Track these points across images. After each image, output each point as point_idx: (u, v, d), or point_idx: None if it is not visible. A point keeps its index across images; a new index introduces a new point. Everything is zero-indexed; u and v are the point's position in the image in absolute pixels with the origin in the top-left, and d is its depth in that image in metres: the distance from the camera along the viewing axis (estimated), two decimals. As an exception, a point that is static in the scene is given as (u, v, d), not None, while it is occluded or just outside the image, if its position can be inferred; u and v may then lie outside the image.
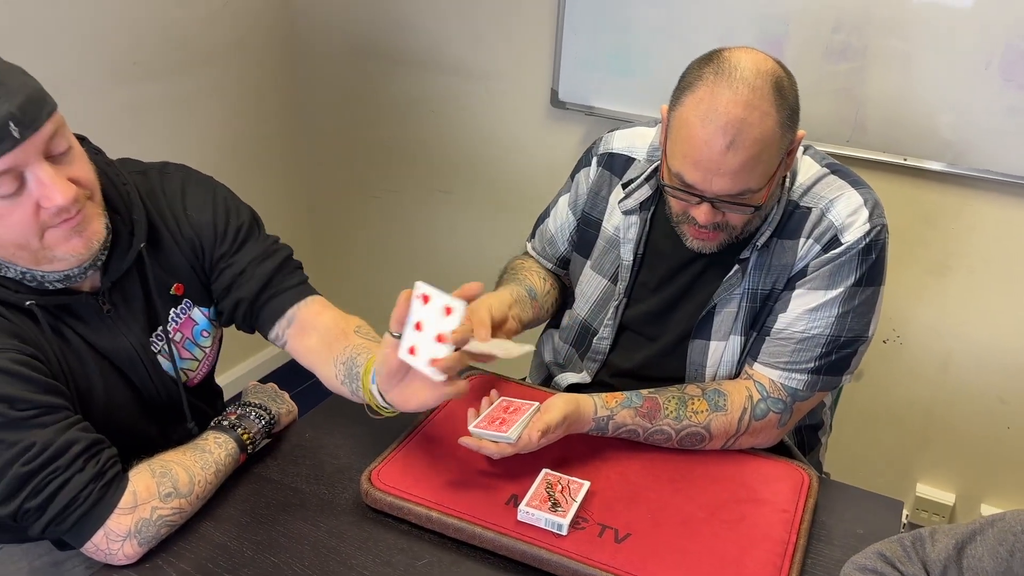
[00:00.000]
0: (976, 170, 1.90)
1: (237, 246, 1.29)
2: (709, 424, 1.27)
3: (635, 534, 1.14)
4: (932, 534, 0.99)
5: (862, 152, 1.98)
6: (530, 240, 1.62)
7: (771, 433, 1.32)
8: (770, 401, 1.29)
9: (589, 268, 1.48)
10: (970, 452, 2.19)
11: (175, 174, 1.29)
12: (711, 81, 1.15)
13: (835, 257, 1.25)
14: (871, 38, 1.89)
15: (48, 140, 1.01)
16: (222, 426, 1.26)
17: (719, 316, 1.34)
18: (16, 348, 1.05)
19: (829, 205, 1.27)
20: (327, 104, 2.73)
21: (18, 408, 1.02)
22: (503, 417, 1.22)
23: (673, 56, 2.10)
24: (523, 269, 1.55)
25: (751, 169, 1.16)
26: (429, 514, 1.15)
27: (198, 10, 2.32)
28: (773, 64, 1.18)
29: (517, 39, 2.33)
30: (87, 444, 1.06)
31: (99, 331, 1.17)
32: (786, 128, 1.18)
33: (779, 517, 1.18)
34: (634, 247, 1.40)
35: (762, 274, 1.31)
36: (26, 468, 1.01)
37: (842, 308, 1.27)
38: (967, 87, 1.84)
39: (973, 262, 2.01)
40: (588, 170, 1.49)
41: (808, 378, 1.29)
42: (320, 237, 2.93)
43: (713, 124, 1.14)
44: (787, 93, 1.18)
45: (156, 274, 1.23)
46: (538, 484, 1.19)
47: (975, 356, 2.09)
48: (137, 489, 1.09)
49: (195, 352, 1.32)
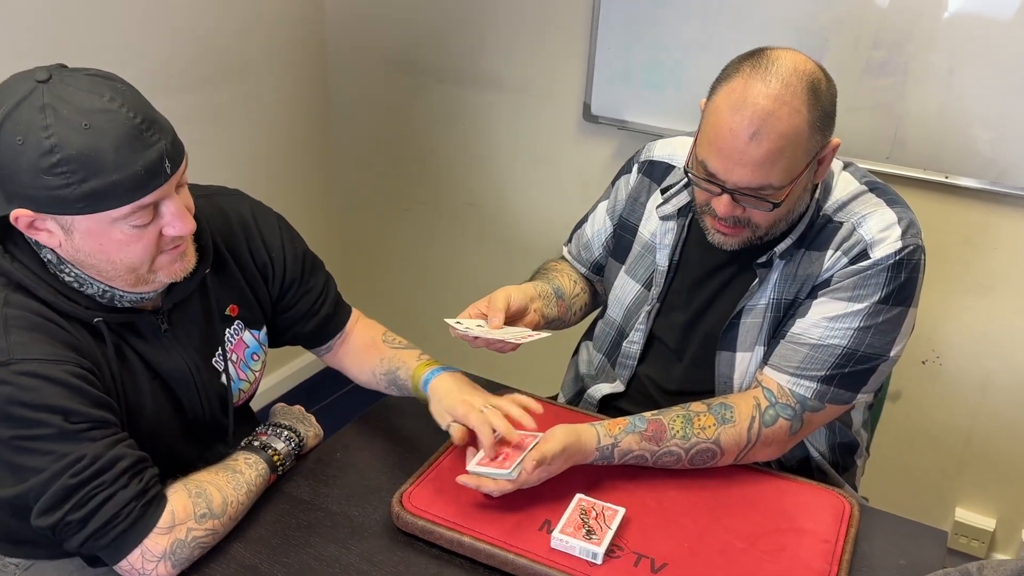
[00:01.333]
0: (1019, 188, 1.85)
1: (308, 272, 1.37)
2: (718, 438, 1.24)
3: (672, 564, 1.11)
4: (981, 569, 0.96)
5: (902, 169, 1.94)
6: (567, 244, 1.63)
7: (783, 443, 1.28)
8: (779, 407, 1.26)
9: (624, 273, 1.48)
10: (1011, 476, 2.14)
11: (243, 199, 1.33)
12: (747, 73, 1.16)
13: (862, 270, 1.23)
14: (911, 53, 1.85)
15: (182, 174, 1.07)
16: (252, 446, 1.26)
17: (744, 326, 1.33)
18: (75, 361, 1.05)
19: (861, 220, 1.26)
20: (359, 117, 2.73)
21: (72, 421, 1.02)
22: (506, 452, 1.19)
23: (706, 70, 2.05)
24: (554, 270, 1.56)
25: (773, 163, 1.15)
26: (461, 539, 1.13)
27: (233, 22, 2.33)
28: (813, 66, 1.18)
29: (550, 53, 2.32)
30: (133, 461, 1.06)
31: (156, 349, 1.18)
32: (816, 130, 1.16)
33: (820, 548, 1.15)
34: (670, 253, 1.39)
35: (787, 284, 1.29)
36: (74, 480, 1.01)
37: (864, 323, 1.24)
38: (1009, 103, 1.80)
39: (1015, 282, 1.97)
40: (628, 177, 1.50)
41: (818, 387, 1.26)
42: (351, 249, 2.93)
43: (740, 113, 1.14)
44: (822, 96, 1.16)
45: (217, 296, 1.26)
46: (572, 510, 1.16)
47: (1016, 378, 2.04)
48: (175, 509, 1.09)
49: (247, 375, 1.33)
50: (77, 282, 1.09)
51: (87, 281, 1.09)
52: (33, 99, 0.97)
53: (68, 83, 0.98)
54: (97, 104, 0.98)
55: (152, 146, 1.01)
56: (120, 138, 0.98)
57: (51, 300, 1.07)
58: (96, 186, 0.98)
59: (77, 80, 0.99)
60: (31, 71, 1.00)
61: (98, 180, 0.98)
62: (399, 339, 1.44)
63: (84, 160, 0.97)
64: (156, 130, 1.02)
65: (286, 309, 1.36)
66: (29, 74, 1.00)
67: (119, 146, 0.98)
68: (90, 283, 1.09)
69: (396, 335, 1.45)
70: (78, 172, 0.97)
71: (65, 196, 0.98)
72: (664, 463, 1.25)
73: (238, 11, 2.33)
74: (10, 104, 0.97)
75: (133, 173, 0.99)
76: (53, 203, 0.99)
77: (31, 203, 1.00)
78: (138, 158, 0.99)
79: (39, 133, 0.96)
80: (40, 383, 1.01)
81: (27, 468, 1.01)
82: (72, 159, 0.96)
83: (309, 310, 1.37)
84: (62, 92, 0.98)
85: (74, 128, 0.96)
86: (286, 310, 1.36)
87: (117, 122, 0.98)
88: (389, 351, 1.40)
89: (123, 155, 0.98)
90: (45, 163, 0.96)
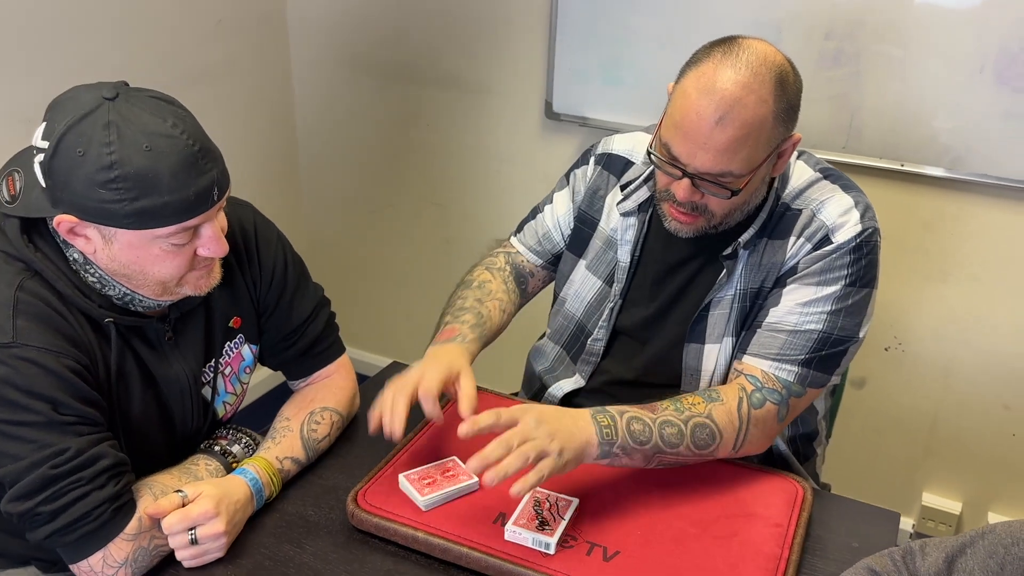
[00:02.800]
0: (974, 175, 1.88)
1: (288, 301, 1.34)
2: (711, 413, 1.22)
3: (624, 552, 1.12)
4: (923, 547, 0.97)
5: (859, 159, 1.97)
6: (516, 235, 1.58)
7: (773, 428, 1.28)
8: (765, 391, 1.26)
9: (584, 268, 1.47)
10: (976, 460, 2.16)
11: (250, 210, 1.34)
12: (718, 59, 1.16)
13: (827, 254, 1.25)
14: (864, 44, 1.87)
15: (225, 201, 1.12)
16: (212, 451, 1.26)
17: (712, 318, 1.33)
18: (74, 356, 1.07)
19: (820, 207, 1.28)
20: (322, 120, 2.73)
21: (61, 412, 1.03)
22: (435, 477, 1.21)
23: (665, 65, 2.07)
24: (485, 296, 1.46)
25: (735, 151, 1.15)
26: (415, 534, 1.13)
27: (191, 28, 2.32)
28: (782, 58, 1.19)
29: (511, 52, 2.33)
30: (114, 462, 1.07)
31: (158, 356, 1.20)
32: (780, 121, 1.18)
33: (771, 532, 1.16)
34: (632, 248, 1.40)
35: (752, 273, 1.31)
36: (53, 472, 1.02)
37: (835, 306, 1.26)
38: (963, 91, 1.82)
39: (974, 267, 1.99)
40: (586, 168, 1.49)
41: (799, 370, 1.27)
42: (317, 251, 2.93)
43: (708, 97, 1.14)
44: (789, 88, 1.18)
45: (221, 308, 1.27)
46: (526, 502, 1.17)
47: (978, 363, 2.07)
48: (143, 517, 1.09)
49: (236, 388, 1.34)
50: (100, 283, 1.11)
51: (110, 283, 1.11)
52: (99, 114, 1.01)
53: (133, 104, 1.03)
54: (160, 128, 1.02)
55: (205, 174, 1.05)
56: (177, 164, 1.02)
57: (67, 293, 1.09)
58: (147, 205, 1.02)
59: (142, 102, 1.04)
60: (97, 85, 1.04)
61: (149, 200, 1.02)
62: (317, 428, 1.32)
63: (140, 180, 1.01)
64: (210, 159, 1.06)
65: (262, 332, 1.35)
66: (95, 88, 1.04)
67: (175, 171, 1.02)
68: (113, 285, 1.12)
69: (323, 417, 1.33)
70: (132, 190, 1.01)
71: (115, 211, 1.02)
72: (668, 436, 1.18)
73: (198, 16, 2.33)
74: (75, 116, 1.01)
75: (184, 197, 1.03)
76: (101, 214, 1.02)
77: (78, 211, 1.03)
78: (191, 184, 1.04)
79: (101, 148, 1.00)
80: (36, 370, 1.02)
81: (8, 454, 1.02)
82: (129, 177, 1.00)
83: (278, 344, 1.36)
84: (127, 112, 1.02)
85: (136, 149, 1.00)
86: (262, 333, 1.36)
87: (176, 148, 1.02)
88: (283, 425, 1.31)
89: (178, 180, 1.02)
90: (102, 177, 1.00)
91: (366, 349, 2.96)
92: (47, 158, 1.02)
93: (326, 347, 1.40)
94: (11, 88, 1.89)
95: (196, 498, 1.11)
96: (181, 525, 1.09)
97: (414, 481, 1.20)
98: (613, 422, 1.17)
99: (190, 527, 1.09)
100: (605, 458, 1.17)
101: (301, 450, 1.28)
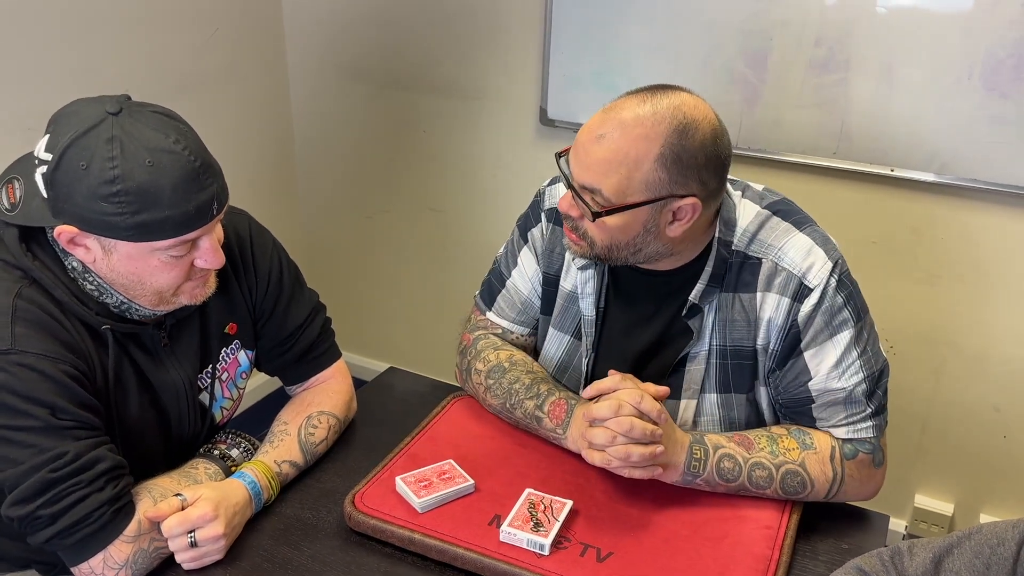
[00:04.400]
0: (963, 179, 1.90)
1: (284, 307, 1.36)
2: (804, 463, 1.23)
3: (617, 552, 1.14)
4: (911, 548, 0.99)
5: (849, 164, 1.99)
6: (489, 311, 1.48)
7: (872, 471, 1.27)
8: (855, 443, 1.26)
9: (552, 328, 1.43)
10: (967, 462, 2.18)
11: (245, 218, 1.36)
12: (636, 94, 1.17)
13: (818, 305, 1.22)
14: (853, 50, 1.90)
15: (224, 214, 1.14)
16: (212, 455, 1.28)
17: (688, 374, 1.31)
18: (71, 362, 1.09)
19: (780, 255, 1.24)
20: (319, 127, 2.75)
21: (59, 416, 1.05)
22: (431, 480, 1.23)
23: (658, 71, 2.11)
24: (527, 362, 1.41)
25: (606, 172, 1.15)
26: (411, 536, 1.15)
27: (188, 37, 2.34)
28: (702, 116, 1.15)
29: (505, 59, 2.35)
30: (112, 465, 1.08)
31: (155, 362, 1.22)
32: (662, 167, 1.14)
33: (762, 534, 1.18)
34: (595, 300, 1.35)
35: (725, 330, 1.27)
36: (53, 475, 1.03)
37: (859, 348, 1.24)
38: (951, 97, 1.85)
39: (963, 271, 2.01)
40: (541, 227, 1.42)
41: (872, 422, 1.26)
42: (315, 258, 2.94)
43: (600, 116, 1.16)
44: (687, 142, 1.13)
45: (216, 314, 1.29)
46: (520, 504, 1.19)
47: (968, 365, 2.09)
48: (142, 519, 1.10)
49: (233, 393, 1.36)
50: (98, 291, 1.13)
51: (108, 291, 1.13)
52: (102, 129, 1.03)
53: (136, 119, 1.05)
54: (162, 144, 1.04)
55: (206, 189, 1.08)
56: (179, 179, 1.05)
57: (64, 300, 1.11)
58: (147, 219, 1.04)
59: (145, 117, 1.06)
60: (100, 99, 1.07)
61: (150, 214, 1.04)
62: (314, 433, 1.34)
63: (142, 194, 1.03)
64: (211, 175, 1.09)
65: (257, 338, 1.38)
66: (98, 103, 1.06)
67: (176, 186, 1.05)
68: (111, 293, 1.14)
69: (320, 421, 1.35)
70: (134, 204, 1.03)
71: (116, 223, 1.04)
72: (756, 479, 1.22)
73: (196, 23, 2.35)
74: (79, 130, 1.03)
75: (184, 212, 1.06)
76: (102, 226, 1.05)
77: (79, 222, 1.05)
78: (192, 199, 1.06)
79: (104, 163, 1.02)
80: (34, 376, 1.04)
81: (7, 458, 1.04)
82: (131, 191, 1.03)
83: (273, 349, 1.38)
84: (130, 127, 1.04)
85: (138, 164, 1.03)
86: (257, 339, 1.38)
87: (178, 164, 1.05)
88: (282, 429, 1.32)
89: (179, 195, 1.05)
90: (105, 191, 1.02)
91: (363, 354, 2.97)
92: (50, 170, 1.04)
93: (322, 352, 1.41)
94: (10, 97, 1.91)
95: (195, 501, 1.13)
96: (180, 528, 1.10)
97: (411, 484, 1.22)
98: (705, 457, 1.22)
99: (189, 530, 1.11)
100: (682, 484, 1.24)
101: (299, 454, 1.29)
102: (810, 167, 2.05)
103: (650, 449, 1.16)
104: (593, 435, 1.18)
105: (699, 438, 1.23)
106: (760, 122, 2.05)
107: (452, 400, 1.46)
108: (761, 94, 2.02)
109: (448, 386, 1.56)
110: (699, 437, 1.23)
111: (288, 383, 1.43)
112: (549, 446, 1.33)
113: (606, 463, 1.17)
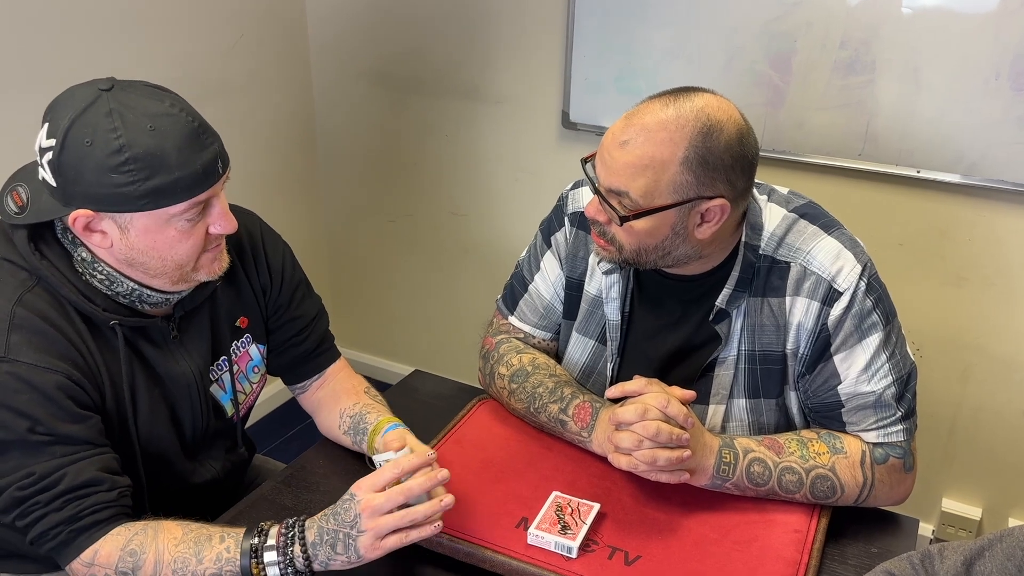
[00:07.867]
0: (990, 181, 1.89)
1: (299, 299, 1.39)
2: (834, 467, 1.23)
3: (645, 556, 1.14)
4: (941, 551, 0.98)
5: (875, 165, 1.98)
6: (512, 315, 1.48)
7: (902, 476, 1.27)
8: (886, 447, 1.26)
9: (575, 332, 1.43)
10: (995, 465, 2.16)
11: (255, 219, 1.37)
12: (659, 98, 1.17)
13: (848, 308, 1.22)
14: (879, 52, 1.89)
15: (227, 177, 1.15)
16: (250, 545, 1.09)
17: (717, 378, 1.30)
18: (65, 373, 1.08)
19: (809, 258, 1.23)
20: (343, 132, 2.77)
21: (36, 431, 1.06)
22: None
23: (680, 75, 2.11)
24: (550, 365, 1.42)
25: (632, 176, 1.15)
26: (440, 539, 1.15)
27: (214, 43, 2.36)
28: (727, 117, 1.15)
29: (527, 63, 2.36)
30: (78, 484, 1.07)
31: (164, 356, 1.22)
32: (687, 169, 1.14)
33: (791, 538, 1.18)
34: (619, 305, 1.35)
35: (754, 335, 1.27)
36: (19, 494, 1.06)
37: (888, 351, 1.24)
38: (978, 98, 1.83)
39: (990, 273, 2.00)
40: (564, 231, 1.42)
41: (902, 425, 1.26)
42: (338, 261, 2.96)
43: (625, 122, 1.16)
44: (713, 143, 1.13)
45: (226, 307, 1.30)
46: (548, 507, 1.19)
47: (995, 369, 2.07)
48: (100, 550, 1.09)
49: (245, 386, 1.36)
50: (108, 280, 1.14)
51: (119, 280, 1.14)
52: (99, 105, 1.04)
53: (129, 91, 1.07)
54: (160, 109, 1.06)
55: (208, 147, 1.10)
56: (181, 139, 1.06)
57: (72, 299, 1.11)
58: (159, 184, 1.05)
59: (137, 89, 1.08)
60: (90, 82, 1.08)
61: (161, 178, 1.05)
62: (380, 396, 1.42)
63: (150, 159, 1.04)
64: (210, 134, 1.11)
65: (269, 332, 1.38)
66: (90, 84, 1.07)
67: (181, 147, 1.06)
68: (121, 282, 1.14)
69: (379, 393, 1.44)
70: (144, 170, 1.04)
71: (129, 193, 1.05)
72: (786, 483, 1.22)
73: (221, 30, 2.37)
74: (76, 111, 1.04)
75: (192, 171, 1.07)
76: (116, 200, 1.05)
77: (92, 202, 1.06)
78: (197, 158, 1.08)
79: (108, 135, 1.03)
80: (21, 386, 1.05)
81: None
82: (139, 158, 1.04)
83: (289, 340, 1.39)
84: (125, 99, 1.06)
85: (141, 130, 1.04)
86: (269, 333, 1.39)
87: (178, 125, 1.07)
88: (367, 399, 1.39)
89: (184, 155, 1.06)
90: (113, 162, 1.03)
91: (386, 357, 2.99)
92: (55, 155, 1.04)
93: (331, 345, 1.45)
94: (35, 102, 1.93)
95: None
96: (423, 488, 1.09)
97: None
98: (735, 461, 1.22)
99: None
100: (711, 488, 1.23)
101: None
102: (835, 169, 2.04)
103: (677, 453, 1.16)
104: (619, 439, 1.18)
105: (728, 442, 1.23)
106: (784, 124, 2.04)
107: (478, 403, 1.47)
108: (785, 96, 2.02)
109: (473, 389, 1.56)
110: (728, 441, 1.23)
111: (300, 379, 1.43)
112: (575, 449, 1.33)
113: (633, 467, 1.17)
